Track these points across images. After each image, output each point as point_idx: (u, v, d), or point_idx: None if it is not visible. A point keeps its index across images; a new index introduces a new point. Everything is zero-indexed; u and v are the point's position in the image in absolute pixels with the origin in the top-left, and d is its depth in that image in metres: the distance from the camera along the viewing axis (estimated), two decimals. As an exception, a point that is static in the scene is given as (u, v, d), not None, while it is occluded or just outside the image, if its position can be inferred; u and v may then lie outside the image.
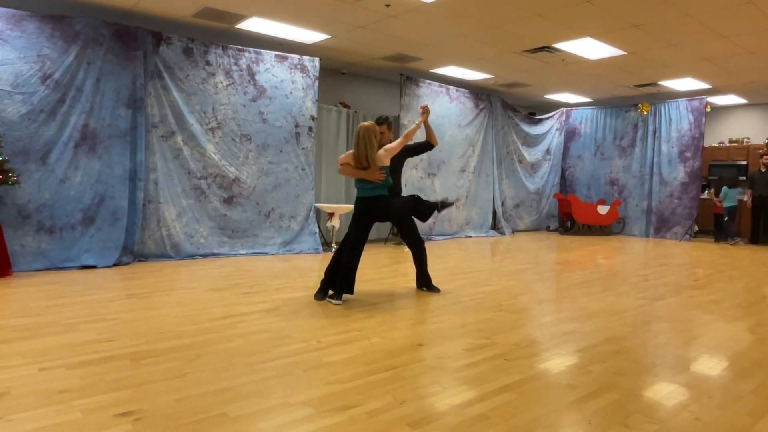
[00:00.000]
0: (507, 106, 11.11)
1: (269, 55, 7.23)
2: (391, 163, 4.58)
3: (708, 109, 10.49)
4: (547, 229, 12.12)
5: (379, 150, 4.47)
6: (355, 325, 3.78)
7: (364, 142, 4.35)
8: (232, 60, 6.93)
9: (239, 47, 7.02)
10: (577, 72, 9.02)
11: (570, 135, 12.34)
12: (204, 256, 6.71)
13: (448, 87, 9.80)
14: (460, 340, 3.50)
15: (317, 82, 7.64)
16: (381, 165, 4.41)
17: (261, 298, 4.56)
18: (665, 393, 2.71)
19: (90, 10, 6.30)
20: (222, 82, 6.86)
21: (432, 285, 5.05)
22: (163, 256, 6.45)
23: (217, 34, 7.26)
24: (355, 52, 8.14)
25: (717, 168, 11.61)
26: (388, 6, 5.98)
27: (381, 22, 6.59)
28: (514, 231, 11.28)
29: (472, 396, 2.59)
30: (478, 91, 10.43)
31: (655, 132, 11.03)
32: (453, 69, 9.09)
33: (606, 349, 3.42)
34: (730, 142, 11.88)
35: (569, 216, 11.45)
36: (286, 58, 7.37)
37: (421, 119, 4.78)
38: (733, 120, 12.05)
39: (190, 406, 2.39)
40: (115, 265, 5.90)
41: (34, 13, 5.64)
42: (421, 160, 9.29)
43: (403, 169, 8.92)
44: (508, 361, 3.12)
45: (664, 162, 10.88)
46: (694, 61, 8.06)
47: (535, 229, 11.99)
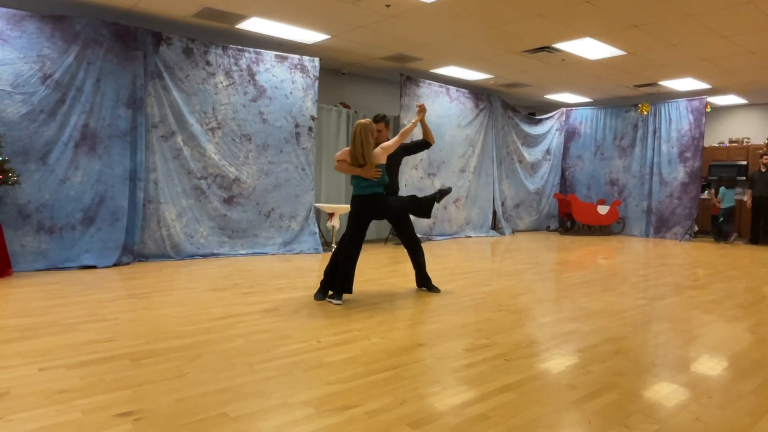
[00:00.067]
0: (507, 106, 11.11)
1: (269, 55, 7.24)
2: (388, 161, 4.57)
3: (708, 109, 10.49)
4: (547, 229, 12.12)
5: (376, 148, 4.47)
6: (355, 325, 3.79)
7: (361, 140, 4.35)
8: (232, 60, 6.93)
9: (239, 47, 7.02)
10: (577, 72, 9.02)
11: (570, 135, 12.34)
12: (204, 256, 6.71)
13: (448, 87, 9.80)
14: (460, 340, 3.50)
15: (317, 82, 7.65)
16: (377, 163, 4.41)
17: (261, 298, 4.56)
18: (665, 393, 2.71)
19: (90, 10, 6.30)
20: (222, 82, 6.86)
21: (432, 285, 5.05)
22: (163, 256, 6.46)
23: (217, 34, 7.26)
24: (355, 52, 8.14)
25: (717, 168, 11.60)
26: (388, 6, 5.98)
27: (381, 22, 6.59)
28: (514, 231, 11.28)
29: (472, 396, 2.60)
30: (478, 91, 10.43)
31: (655, 132, 11.03)
32: (453, 69, 9.09)
33: (606, 349, 3.42)
34: (730, 142, 11.87)
35: (569, 216, 11.45)
36: (286, 58, 7.37)
37: (418, 117, 4.78)
38: (733, 120, 12.05)
39: (190, 406, 2.39)
40: (115, 265, 5.91)
41: (34, 13, 5.65)
42: (420, 160, 9.29)
43: (404, 169, 9.08)
44: (508, 361, 3.12)
45: (664, 162, 10.87)
46: (694, 61, 8.06)
47: (535, 229, 11.99)
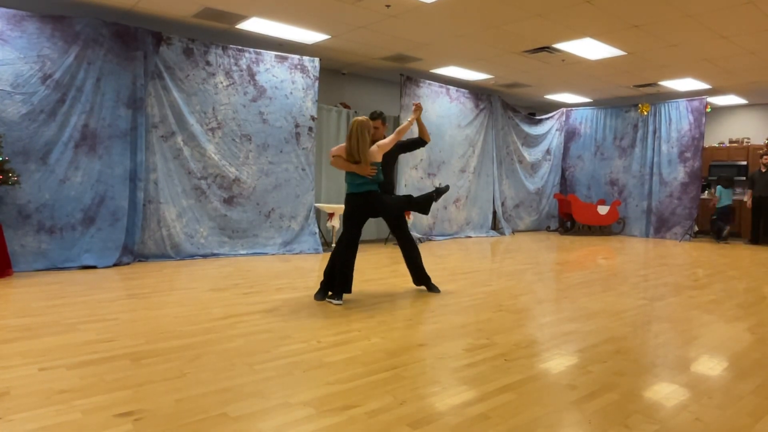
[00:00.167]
0: (507, 107, 11.11)
1: (269, 55, 7.24)
2: (383, 158, 4.56)
3: (708, 110, 10.49)
4: (547, 229, 12.12)
5: (372, 146, 4.47)
6: (355, 325, 3.79)
7: (357, 137, 4.34)
8: (232, 60, 6.93)
9: (239, 47, 7.02)
10: (577, 72, 9.02)
11: (570, 135, 12.34)
12: (204, 256, 6.71)
13: (448, 87, 9.80)
14: (460, 340, 3.50)
15: (317, 82, 7.65)
16: (373, 161, 4.40)
17: (261, 299, 4.56)
18: (665, 393, 2.71)
19: (90, 10, 6.30)
20: (222, 83, 6.86)
21: (432, 284, 5.05)
22: (163, 256, 6.46)
23: (217, 35, 7.26)
24: (355, 53, 8.14)
25: (717, 168, 11.59)
26: (388, 6, 5.98)
27: (381, 22, 6.59)
28: (514, 231, 11.28)
29: (472, 396, 2.60)
30: (478, 92, 10.44)
31: (655, 132, 11.03)
32: (453, 69, 9.09)
33: (606, 349, 3.42)
34: (730, 142, 11.87)
35: (569, 216, 11.44)
36: (286, 59, 7.37)
37: (414, 116, 4.78)
38: (733, 120, 12.05)
39: (190, 406, 2.39)
40: (115, 265, 5.91)
41: (34, 13, 5.65)
42: (421, 160, 9.29)
43: (404, 169, 9.09)
44: (508, 361, 3.12)
45: (664, 162, 10.87)
46: (694, 61, 8.07)
47: (535, 229, 11.99)
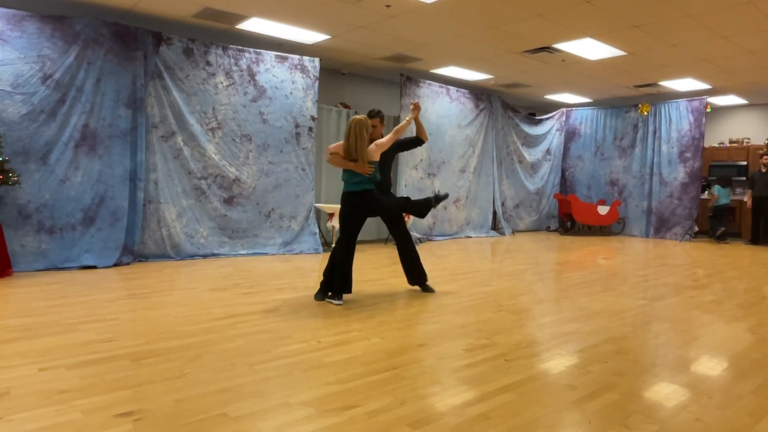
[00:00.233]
0: (507, 107, 11.11)
1: (269, 55, 7.24)
2: (381, 157, 4.57)
3: (708, 110, 10.49)
4: (547, 229, 12.12)
5: (370, 144, 4.46)
6: (355, 325, 3.79)
7: (355, 135, 4.34)
8: (233, 60, 6.93)
9: (239, 47, 7.02)
10: (577, 72, 9.02)
11: (570, 135, 12.34)
12: (204, 256, 6.71)
13: (449, 87, 9.80)
14: (460, 340, 3.50)
15: (317, 82, 7.65)
16: (370, 160, 4.40)
17: (261, 299, 4.56)
18: (665, 393, 2.71)
19: (90, 10, 6.30)
20: (222, 83, 6.86)
21: (427, 285, 5.03)
22: (163, 256, 6.46)
23: (218, 35, 7.26)
24: (355, 53, 8.14)
25: (717, 168, 11.59)
26: (388, 6, 5.98)
27: (381, 22, 6.59)
28: (514, 231, 11.28)
29: (472, 396, 2.60)
30: (478, 92, 10.43)
31: (655, 132, 11.03)
32: (453, 69, 9.09)
33: (606, 349, 3.42)
34: (730, 142, 11.87)
35: (569, 216, 11.44)
36: (286, 59, 7.37)
37: (412, 115, 4.78)
38: (733, 120, 12.05)
39: (190, 406, 2.39)
40: (115, 265, 5.91)
41: (34, 13, 5.65)
42: (421, 160, 9.29)
43: (404, 169, 9.08)
44: (508, 362, 3.12)
45: (664, 162, 10.87)
46: (694, 61, 8.06)
47: (535, 229, 11.99)
